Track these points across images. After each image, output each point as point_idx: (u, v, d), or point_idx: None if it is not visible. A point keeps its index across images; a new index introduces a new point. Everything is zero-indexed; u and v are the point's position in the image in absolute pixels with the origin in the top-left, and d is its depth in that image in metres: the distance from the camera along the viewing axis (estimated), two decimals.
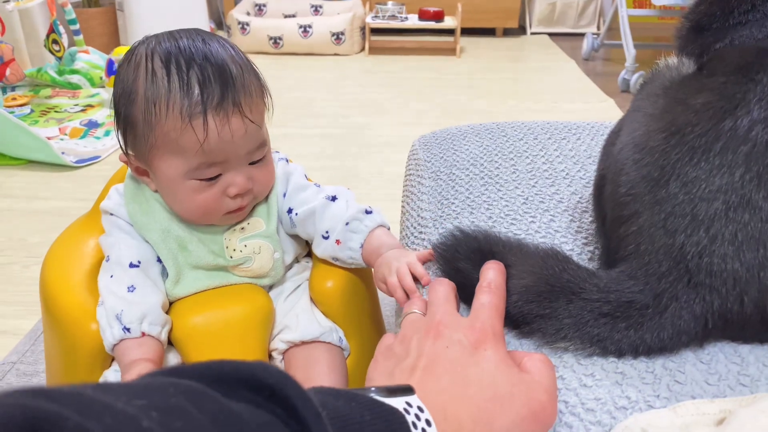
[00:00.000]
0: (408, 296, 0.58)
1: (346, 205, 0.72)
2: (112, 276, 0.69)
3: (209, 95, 0.62)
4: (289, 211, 0.73)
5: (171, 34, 0.65)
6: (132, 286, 0.68)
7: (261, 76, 0.69)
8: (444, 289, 0.49)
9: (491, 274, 0.49)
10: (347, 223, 0.70)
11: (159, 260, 0.71)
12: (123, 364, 0.66)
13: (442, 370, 0.40)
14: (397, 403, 0.34)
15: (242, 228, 0.72)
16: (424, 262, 0.61)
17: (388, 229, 0.72)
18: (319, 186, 0.76)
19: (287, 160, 0.77)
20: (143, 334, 0.66)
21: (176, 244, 0.70)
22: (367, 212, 0.71)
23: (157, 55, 0.63)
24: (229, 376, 0.27)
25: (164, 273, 0.72)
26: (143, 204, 0.71)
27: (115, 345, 0.66)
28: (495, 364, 0.40)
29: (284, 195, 0.74)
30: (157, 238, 0.70)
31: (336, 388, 0.34)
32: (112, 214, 0.72)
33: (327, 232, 0.71)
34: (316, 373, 0.71)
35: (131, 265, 0.69)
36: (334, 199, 0.73)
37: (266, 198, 0.73)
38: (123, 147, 0.68)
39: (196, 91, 0.61)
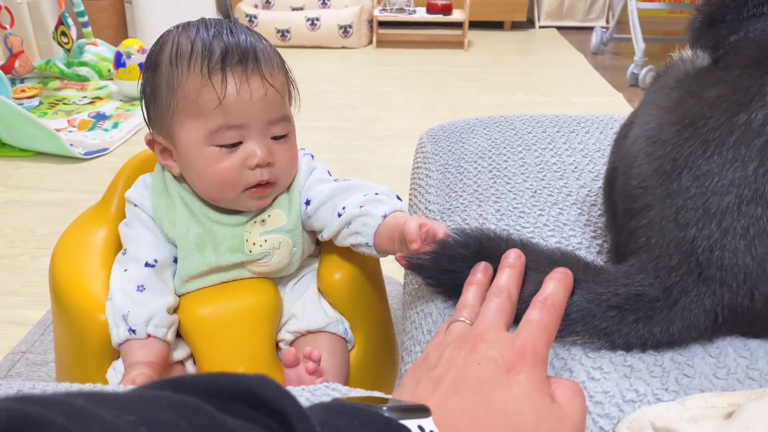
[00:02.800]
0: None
1: (368, 188, 0.70)
2: (126, 270, 0.69)
3: (230, 55, 0.64)
4: (307, 202, 0.72)
5: (196, 23, 0.68)
6: (142, 285, 0.68)
7: (287, 65, 0.71)
8: (498, 301, 0.45)
9: (551, 287, 0.45)
10: (376, 195, 0.68)
11: (176, 260, 0.71)
12: (126, 364, 0.66)
13: (468, 389, 0.37)
14: (409, 424, 0.32)
15: (263, 221, 0.71)
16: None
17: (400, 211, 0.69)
18: (339, 180, 0.75)
19: (312, 157, 0.77)
20: (148, 335, 0.66)
21: (194, 243, 0.70)
22: (396, 195, 0.70)
23: (185, 32, 0.66)
24: (226, 390, 0.26)
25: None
26: (167, 200, 0.71)
27: (120, 344, 0.67)
28: (525, 391, 0.37)
29: (304, 186, 0.74)
30: (179, 237, 0.70)
31: (344, 402, 0.33)
32: (135, 205, 0.72)
33: (344, 207, 0.69)
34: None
35: (146, 264, 0.69)
36: (350, 186, 0.71)
37: (288, 189, 0.72)
38: (147, 121, 0.70)
39: (218, 52, 0.64)
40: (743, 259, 0.43)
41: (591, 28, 3.54)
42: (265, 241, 0.71)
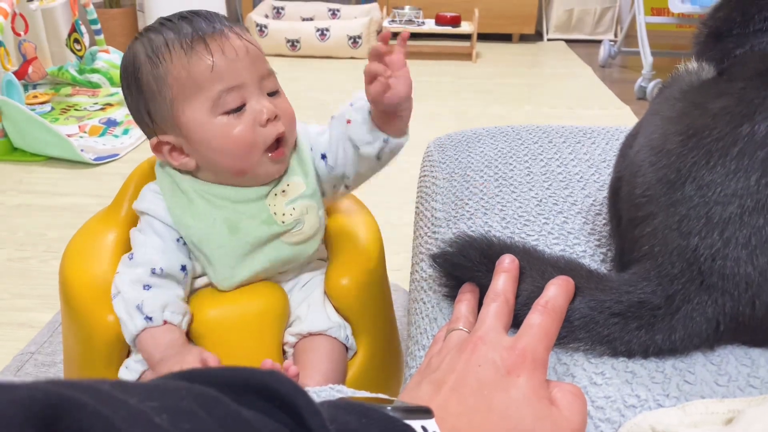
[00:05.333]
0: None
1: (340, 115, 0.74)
2: (131, 272, 0.69)
3: (201, 26, 0.67)
4: (323, 157, 0.74)
5: (155, 21, 0.72)
6: (149, 285, 0.68)
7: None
8: (496, 305, 0.45)
9: (552, 291, 0.45)
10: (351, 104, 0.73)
11: (184, 269, 0.71)
12: (149, 355, 0.66)
13: (468, 392, 0.38)
14: (413, 424, 0.33)
15: (283, 191, 0.72)
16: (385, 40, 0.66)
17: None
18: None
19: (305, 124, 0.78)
20: (165, 322, 0.66)
21: (226, 228, 0.69)
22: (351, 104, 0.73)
23: (146, 35, 0.69)
24: (242, 383, 0.27)
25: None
26: (182, 198, 0.70)
27: (137, 335, 0.67)
28: (524, 394, 0.37)
29: (311, 148, 0.75)
30: (203, 232, 0.69)
31: (351, 401, 0.33)
32: (147, 214, 0.71)
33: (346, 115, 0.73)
34: (310, 359, 0.71)
35: (153, 271, 0.69)
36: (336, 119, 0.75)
37: (298, 154, 0.73)
38: (150, 125, 0.70)
39: (189, 29, 0.67)
40: (745, 268, 0.43)
41: (599, 42, 3.56)
42: (294, 209, 0.72)
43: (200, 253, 0.71)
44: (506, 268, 0.49)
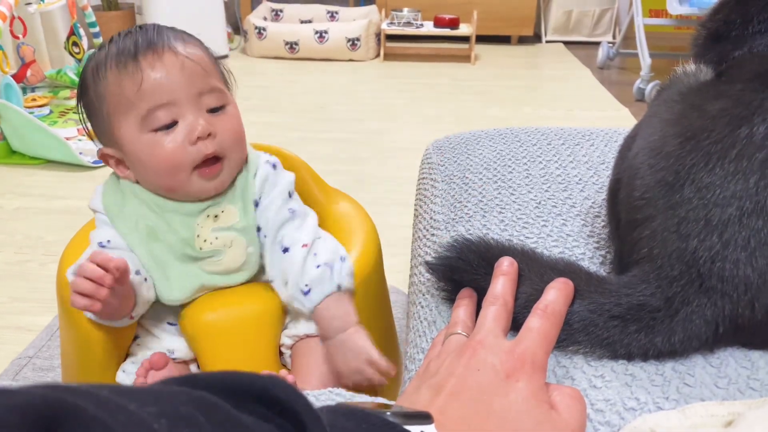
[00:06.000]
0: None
1: (290, 266, 0.70)
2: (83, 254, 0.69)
3: (140, 44, 0.66)
4: (258, 230, 0.72)
5: (122, 31, 0.71)
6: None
7: (212, 52, 0.72)
8: (495, 309, 0.45)
9: (552, 295, 0.45)
10: (290, 295, 0.71)
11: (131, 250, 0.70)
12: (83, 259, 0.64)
13: (468, 396, 0.38)
14: (413, 430, 0.33)
15: (216, 216, 0.70)
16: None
17: (340, 288, 0.70)
18: (293, 212, 0.73)
19: (274, 166, 0.74)
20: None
21: (146, 233, 0.70)
22: (305, 293, 0.69)
23: (101, 46, 0.70)
24: (242, 389, 0.27)
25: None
26: (117, 195, 0.72)
27: (75, 273, 0.64)
28: (524, 398, 0.37)
29: (257, 204, 0.72)
30: (127, 229, 0.70)
31: (350, 406, 0.33)
32: (95, 211, 0.73)
33: (272, 281, 0.72)
34: (307, 362, 0.71)
35: (100, 244, 0.69)
36: (285, 251, 0.71)
37: (243, 184, 0.71)
38: (92, 139, 0.72)
39: (131, 47, 0.66)
40: (744, 270, 0.43)
41: (598, 43, 3.56)
42: (216, 238, 0.70)
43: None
44: (505, 271, 0.48)
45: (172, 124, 0.66)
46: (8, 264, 1.47)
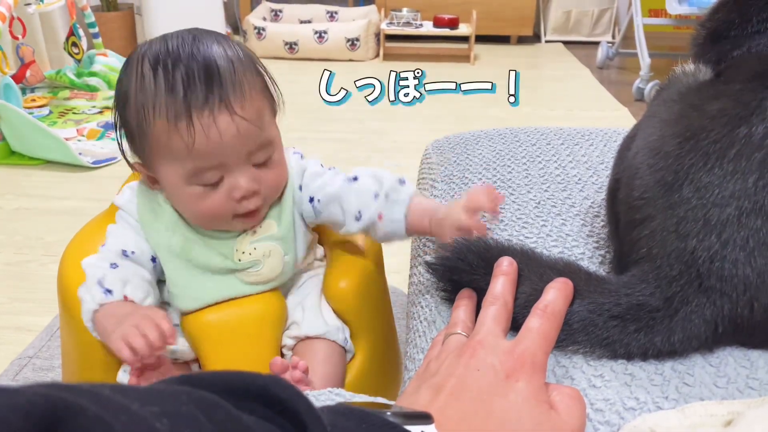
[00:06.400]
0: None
1: (373, 179, 0.69)
2: (101, 255, 0.68)
3: (193, 94, 0.60)
4: (311, 200, 0.71)
5: (164, 37, 0.65)
6: (116, 264, 0.67)
7: (265, 72, 0.68)
8: (495, 309, 0.45)
9: (551, 295, 0.45)
10: (387, 195, 0.68)
11: (154, 260, 0.70)
12: (106, 326, 0.63)
13: (468, 397, 0.38)
14: (413, 430, 0.33)
15: (254, 231, 0.70)
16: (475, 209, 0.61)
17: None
18: (335, 169, 0.73)
19: (302, 155, 0.75)
20: (125, 298, 0.64)
21: (180, 247, 0.69)
22: (401, 182, 0.69)
23: (146, 58, 0.63)
24: (243, 388, 0.27)
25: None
26: (153, 203, 0.70)
27: (95, 312, 0.64)
28: (524, 398, 0.37)
29: (300, 188, 0.72)
30: (161, 239, 0.69)
31: (350, 406, 0.33)
32: (122, 209, 0.72)
33: (359, 212, 0.68)
34: (308, 363, 0.71)
35: (123, 252, 0.68)
36: (355, 179, 0.70)
37: (279, 198, 0.72)
38: (123, 153, 0.68)
39: (181, 91, 0.61)
40: (743, 270, 0.43)
41: (597, 43, 3.56)
42: (255, 249, 0.70)
43: (159, 260, 0.70)
44: (505, 271, 0.48)
45: (218, 182, 0.64)
46: (8, 264, 1.47)
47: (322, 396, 0.47)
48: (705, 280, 0.44)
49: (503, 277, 0.48)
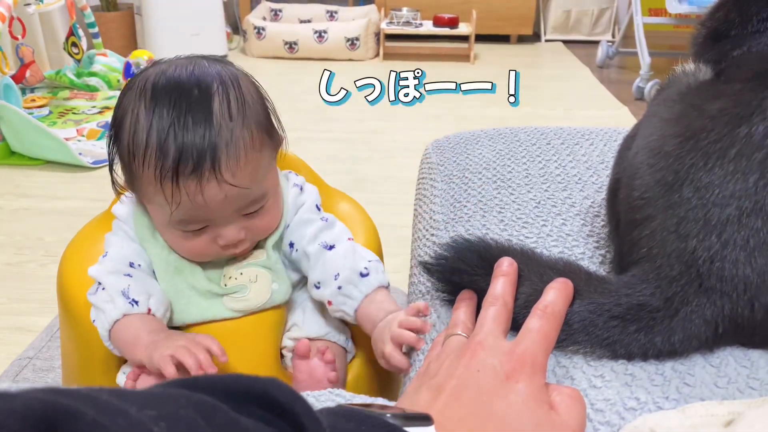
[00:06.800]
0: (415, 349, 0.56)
1: (342, 260, 0.68)
2: (109, 265, 0.67)
3: (182, 164, 0.58)
4: (291, 245, 0.71)
5: (172, 68, 0.62)
6: (129, 274, 0.66)
7: (272, 111, 0.66)
8: (495, 309, 0.45)
9: (551, 295, 0.45)
10: (339, 287, 0.67)
11: (153, 273, 0.69)
12: (138, 334, 0.62)
13: (468, 398, 0.38)
14: (413, 431, 0.33)
15: (243, 256, 0.69)
16: (417, 314, 0.57)
17: (387, 287, 0.68)
18: (326, 220, 0.72)
19: (302, 188, 0.73)
20: (149, 311, 0.64)
21: (173, 266, 0.68)
22: (363, 275, 0.66)
23: (144, 98, 0.60)
24: (241, 391, 0.27)
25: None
26: (149, 218, 0.69)
27: (116, 321, 0.63)
28: (524, 399, 0.37)
29: (287, 226, 0.71)
30: (156, 256, 0.69)
31: (350, 408, 0.33)
32: (120, 219, 0.71)
33: (318, 283, 0.69)
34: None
35: (131, 265, 0.67)
36: (331, 248, 0.69)
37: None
38: (113, 180, 0.67)
39: (172, 152, 0.58)
40: (743, 270, 0.43)
41: (597, 42, 3.56)
42: (241, 274, 0.68)
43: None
44: (505, 272, 0.48)
45: (202, 228, 0.64)
46: (8, 265, 1.47)
47: (322, 397, 0.47)
48: (705, 280, 0.44)
49: (503, 278, 0.48)
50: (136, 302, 0.64)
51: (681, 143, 0.48)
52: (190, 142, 0.58)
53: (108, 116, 2.41)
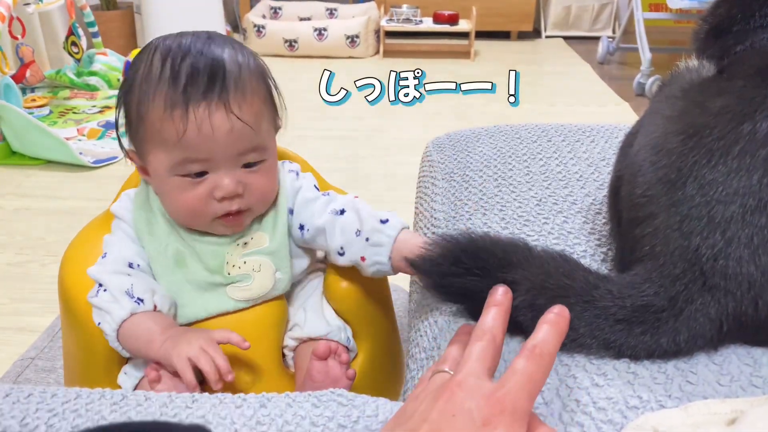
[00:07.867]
0: None
1: (356, 216, 0.68)
2: (109, 266, 0.67)
3: (194, 87, 0.61)
4: (301, 227, 0.71)
5: (179, 34, 0.66)
6: (129, 274, 0.66)
7: (274, 86, 0.68)
8: (481, 345, 0.41)
9: (543, 333, 0.40)
10: (367, 239, 0.66)
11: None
12: (151, 328, 0.63)
13: None
14: None
15: (245, 243, 0.69)
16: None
17: (408, 228, 0.67)
18: (329, 195, 0.72)
19: (297, 173, 0.74)
20: (155, 307, 0.64)
21: (173, 259, 0.68)
22: (383, 221, 0.66)
23: (159, 50, 0.64)
24: None
25: None
26: (149, 213, 0.70)
27: (124, 320, 0.64)
28: None
29: (291, 211, 0.71)
30: (155, 252, 0.69)
31: None
32: (119, 218, 0.71)
33: (342, 248, 0.68)
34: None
35: (131, 265, 0.67)
36: (342, 212, 0.69)
37: (275, 211, 0.71)
38: (120, 143, 0.68)
39: (182, 83, 0.61)
40: (747, 268, 0.43)
41: (597, 38, 3.55)
42: (244, 263, 0.68)
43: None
44: (498, 301, 0.45)
45: (202, 173, 0.64)
46: (9, 265, 1.47)
47: (323, 397, 0.46)
48: (709, 278, 0.44)
49: (495, 309, 0.44)
50: (141, 300, 0.64)
51: (684, 140, 0.48)
52: (203, 65, 0.62)
53: (108, 115, 2.41)
